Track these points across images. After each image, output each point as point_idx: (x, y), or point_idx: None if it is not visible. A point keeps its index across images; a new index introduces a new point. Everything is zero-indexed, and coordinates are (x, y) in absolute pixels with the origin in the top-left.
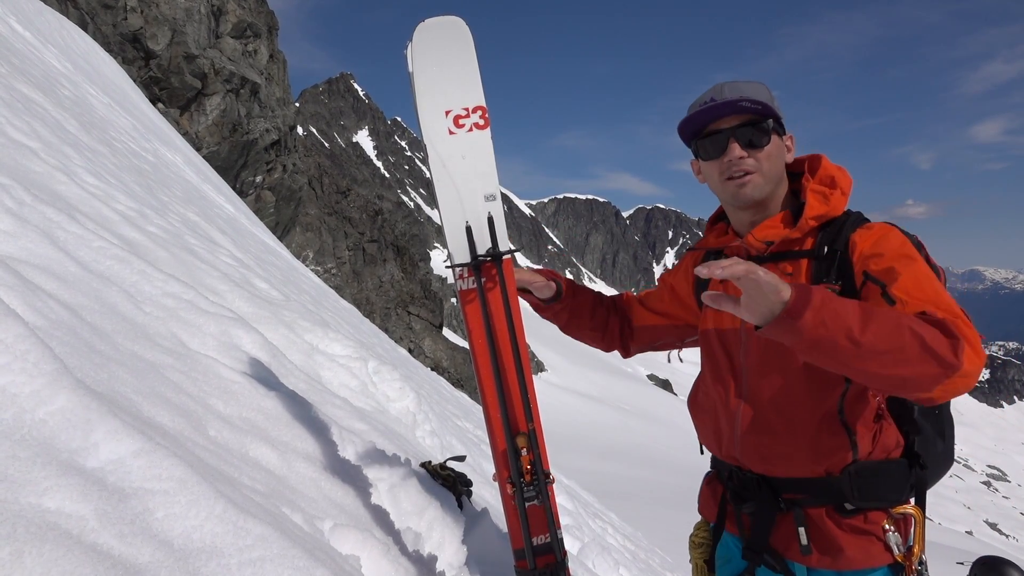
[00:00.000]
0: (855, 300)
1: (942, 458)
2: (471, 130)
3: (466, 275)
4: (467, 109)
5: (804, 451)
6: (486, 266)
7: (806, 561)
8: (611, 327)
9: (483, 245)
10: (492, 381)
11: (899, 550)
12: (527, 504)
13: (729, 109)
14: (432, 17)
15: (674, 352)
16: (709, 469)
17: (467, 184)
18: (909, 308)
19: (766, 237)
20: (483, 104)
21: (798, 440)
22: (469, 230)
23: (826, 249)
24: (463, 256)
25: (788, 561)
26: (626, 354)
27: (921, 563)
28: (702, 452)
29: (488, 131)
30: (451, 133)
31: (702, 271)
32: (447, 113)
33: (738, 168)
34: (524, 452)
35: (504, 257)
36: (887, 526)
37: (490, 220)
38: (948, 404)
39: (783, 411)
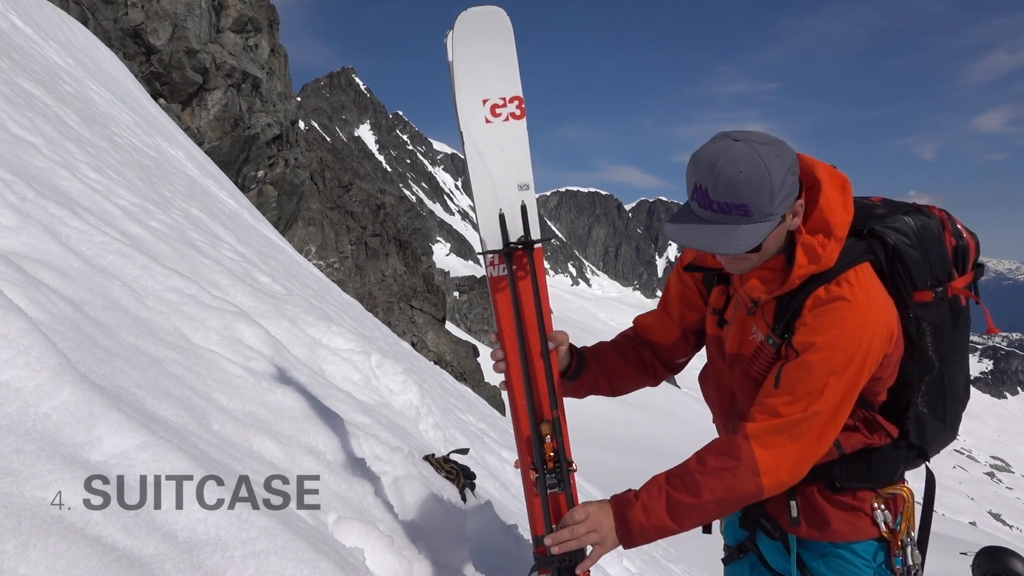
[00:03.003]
0: (662, 494)
1: (941, 439)
2: (507, 119)
3: (497, 262)
4: (504, 99)
5: None
6: (517, 254)
7: (795, 531)
8: (646, 360)
9: (515, 234)
10: (519, 368)
11: (886, 526)
12: (548, 492)
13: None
14: (475, 7)
15: None
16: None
17: (502, 173)
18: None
19: (752, 294)
20: (520, 94)
21: None
22: (503, 218)
23: (791, 299)
24: (495, 243)
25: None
26: (675, 371)
27: (909, 537)
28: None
29: (524, 121)
30: (487, 122)
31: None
32: (484, 102)
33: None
34: (548, 439)
35: (536, 246)
36: (876, 504)
37: (523, 209)
38: (945, 387)
39: None
